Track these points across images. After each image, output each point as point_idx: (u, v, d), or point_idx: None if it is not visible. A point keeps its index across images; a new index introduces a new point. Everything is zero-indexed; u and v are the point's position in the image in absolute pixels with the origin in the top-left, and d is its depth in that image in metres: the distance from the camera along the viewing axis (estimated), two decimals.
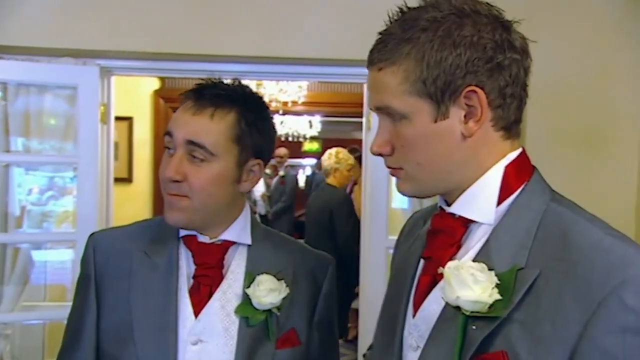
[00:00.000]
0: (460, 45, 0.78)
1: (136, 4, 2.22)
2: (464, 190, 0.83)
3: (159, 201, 4.32)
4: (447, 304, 0.78)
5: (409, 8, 0.83)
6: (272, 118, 1.17)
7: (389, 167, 0.87)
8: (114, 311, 1.09)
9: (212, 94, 1.08)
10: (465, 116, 0.80)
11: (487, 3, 0.82)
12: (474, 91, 0.79)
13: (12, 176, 2.44)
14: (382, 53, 0.82)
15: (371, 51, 0.84)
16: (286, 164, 7.25)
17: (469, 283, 0.74)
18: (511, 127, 0.84)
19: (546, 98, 2.18)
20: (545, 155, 2.23)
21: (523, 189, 0.82)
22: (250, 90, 1.15)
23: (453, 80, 0.79)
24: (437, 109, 0.80)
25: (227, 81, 1.14)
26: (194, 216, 1.07)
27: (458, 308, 0.76)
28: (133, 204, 4.00)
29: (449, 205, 0.86)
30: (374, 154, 0.86)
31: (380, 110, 0.84)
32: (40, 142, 2.49)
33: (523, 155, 0.86)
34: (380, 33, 0.85)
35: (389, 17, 0.84)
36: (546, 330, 0.72)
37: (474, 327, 0.75)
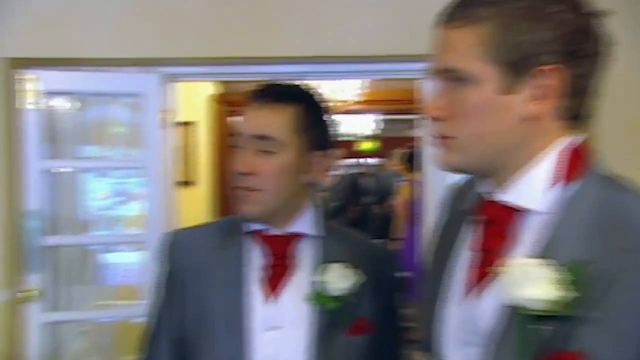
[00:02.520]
0: (546, 21, 0.74)
1: (194, 10, 2.28)
2: (511, 175, 0.79)
3: (220, 203, 4.43)
4: (509, 302, 0.74)
5: None
6: (332, 115, 1.21)
7: (438, 136, 0.82)
8: (191, 303, 1.15)
9: (274, 91, 1.15)
10: (531, 96, 0.76)
11: None
12: (548, 72, 0.75)
13: (83, 182, 2.57)
14: (461, 11, 0.77)
15: (448, 9, 0.80)
16: (342, 163, 7.25)
17: (535, 280, 0.70)
18: (574, 119, 0.79)
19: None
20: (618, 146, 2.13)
21: (582, 177, 0.78)
22: (310, 88, 1.20)
23: (531, 55, 0.75)
24: (506, 81, 0.76)
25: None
26: (266, 208, 1.12)
27: (523, 307, 0.72)
28: (196, 207, 4.11)
29: (496, 191, 0.82)
30: (429, 116, 0.82)
31: (444, 73, 0.79)
32: (108, 149, 2.60)
33: (584, 143, 0.80)
34: None
35: None
36: (628, 325, 0.69)
37: (543, 327, 0.71)
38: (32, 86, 2.29)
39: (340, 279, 1.12)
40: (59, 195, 2.43)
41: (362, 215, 7.98)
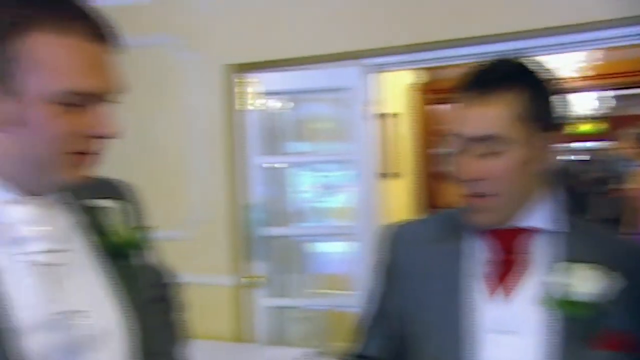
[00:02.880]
0: None
1: None
2: None
3: (424, 194, 4.34)
4: None
5: None
6: (556, 86, 1.05)
7: None
8: (409, 297, 1.11)
9: (489, 78, 1.02)
10: None
11: None
12: None
13: (295, 176, 2.71)
14: None
15: None
16: (562, 148, 6.56)
17: None
18: None
19: None
20: None
21: None
22: (523, 61, 1.05)
23: None
24: None
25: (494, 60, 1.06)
26: (501, 213, 1.03)
27: None
28: (401, 198, 4.10)
29: None
30: None
31: None
32: (317, 144, 2.70)
33: None
34: None
35: None
36: None
37: None
38: (253, 88, 2.47)
39: (587, 282, 0.98)
40: (274, 189, 2.59)
41: (576, 206, 7.15)
